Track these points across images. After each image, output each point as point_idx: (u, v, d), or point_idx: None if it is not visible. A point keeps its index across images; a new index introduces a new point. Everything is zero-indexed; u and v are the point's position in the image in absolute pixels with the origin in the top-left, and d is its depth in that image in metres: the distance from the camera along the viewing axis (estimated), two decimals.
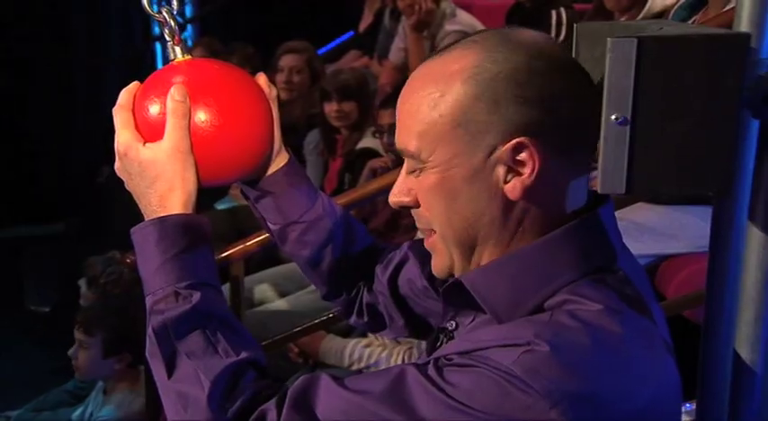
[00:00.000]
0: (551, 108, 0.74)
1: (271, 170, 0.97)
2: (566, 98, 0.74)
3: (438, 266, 0.84)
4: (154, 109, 0.87)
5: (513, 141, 0.74)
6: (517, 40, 0.76)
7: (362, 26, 4.38)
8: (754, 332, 0.78)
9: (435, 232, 0.81)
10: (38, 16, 5.28)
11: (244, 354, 0.80)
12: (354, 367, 2.22)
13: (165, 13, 0.91)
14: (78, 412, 2.60)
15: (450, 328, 0.87)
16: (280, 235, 1.02)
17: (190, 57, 0.92)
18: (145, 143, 0.87)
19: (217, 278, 0.87)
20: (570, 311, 0.73)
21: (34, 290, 4.03)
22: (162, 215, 0.85)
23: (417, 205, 0.81)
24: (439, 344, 0.88)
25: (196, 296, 0.82)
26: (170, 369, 0.80)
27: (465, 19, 3.52)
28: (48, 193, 5.25)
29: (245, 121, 0.89)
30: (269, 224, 1.02)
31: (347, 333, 2.42)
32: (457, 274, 0.82)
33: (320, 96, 3.09)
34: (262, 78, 0.96)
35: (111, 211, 4.61)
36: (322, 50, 4.29)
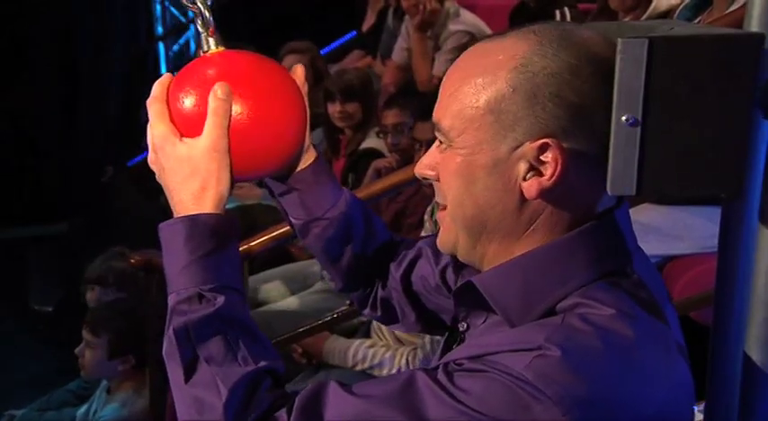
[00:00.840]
0: (587, 114, 0.72)
1: (299, 167, 0.96)
2: (605, 107, 0.71)
3: (442, 241, 0.84)
4: (188, 101, 0.85)
5: (540, 141, 0.73)
6: (574, 38, 0.74)
7: (365, 26, 4.38)
8: (764, 333, 0.78)
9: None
10: (40, 15, 5.28)
11: (262, 363, 0.79)
12: (358, 367, 2.22)
13: (199, 4, 0.88)
14: (83, 410, 2.62)
15: (461, 329, 0.86)
16: (301, 229, 1.01)
17: (223, 48, 0.89)
18: (182, 138, 0.85)
19: (241, 282, 0.86)
20: (582, 315, 0.72)
21: (38, 289, 4.04)
22: (193, 213, 0.84)
23: (438, 179, 0.81)
24: (446, 344, 0.87)
25: (220, 300, 0.80)
26: (188, 372, 0.78)
27: (469, 19, 3.52)
28: (51, 193, 5.26)
29: (281, 115, 0.87)
30: (291, 218, 1.01)
31: (351, 333, 2.42)
32: (460, 255, 0.82)
33: (324, 97, 3.08)
34: (299, 71, 0.94)
35: (114, 211, 4.62)
36: (325, 50, 4.29)
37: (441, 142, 0.80)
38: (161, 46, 6.42)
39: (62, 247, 4.54)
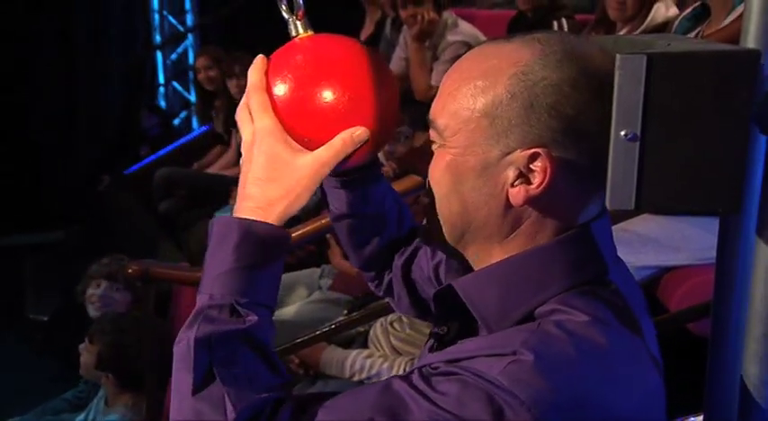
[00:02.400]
0: (581, 128, 0.73)
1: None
2: (600, 121, 0.71)
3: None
4: (279, 89, 0.82)
5: (532, 150, 0.73)
6: (577, 52, 0.75)
7: (363, 36, 4.38)
8: (762, 348, 0.78)
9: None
10: (39, 23, 5.29)
11: (273, 394, 0.75)
12: (355, 378, 2.21)
13: None
14: (81, 418, 2.62)
15: (440, 333, 0.87)
16: (336, 217, 1.01)
17: (312, 32, 0.86)
18: (287, 140, 0.81)
19: (276, 300, 0.82)
20: (558, 321, 0.73)
21: (34, 298, 4.02)
22: (254, 219, 0.79)
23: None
24: (432, 349, 0.87)
25: (252, 318, 0.76)
26: (197, 385, 0.74)
27: (467, 29, 3.53)
28: (48, 202, 5.25)
29: (375, 100, 0.83)
30: (331, 206, 1.00)
31: (348, 344, 2.41)
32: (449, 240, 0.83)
33: None
34: None
35: (111, 220, 4.62)
36: None
37: (433, 139, 0.81)
38: (159, 55, 6.44)
39: (59, 255, 4.53)
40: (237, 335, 0.76)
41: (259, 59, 0.84)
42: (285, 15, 0.85)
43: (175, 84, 6.45)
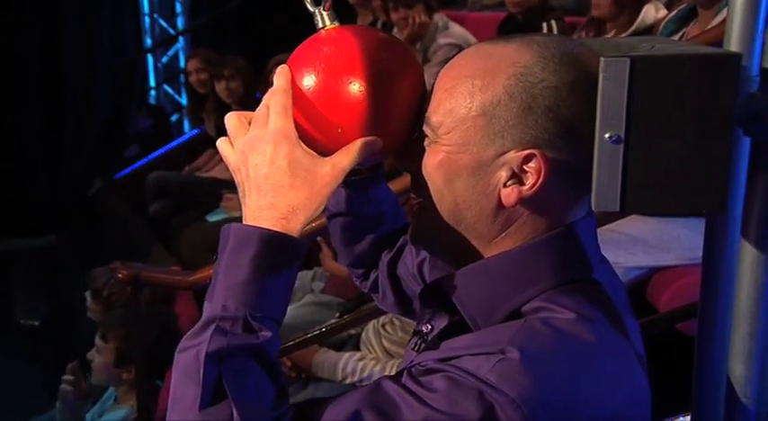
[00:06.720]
0: (577, 130, 0.73)
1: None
2: (593, 126, 0.71)
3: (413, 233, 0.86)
4: (310, 79, 0.80)
5: (527, 151, 0.74)
6: (574, 54, 0.75)
7: None
8: (748, 347, 0.79)
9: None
10: (28, 27, 5.28)
11: (277, 412, 0.73)
12: (348, 380, 2.21)
13: None
14: (95, 409, 2.62)
15: (425, 331, 0.87)
16: (332, 215, 1.02)
17: (338, 24, 0.84)
18: (302, 145, 0.78)
19: (285, 313, 0.79)
20: (544, 319, 0.73)
21: (24, 303, 4.01)
22: (275, 229, 0.76)
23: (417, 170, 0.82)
24: (415, 347, 0.88)
25: (264, 334, 0.73)
26: (206, 400, 0.71)
27: (457, 32, 3.55)
28: (38, 206, 5.23)
29: (400, 93, 0.81)
30: (327, 204, 0.96)
31: (340, 346, 2.42)
32: None
33: None
34: None
35: (101, 224, 4.60)
36: None
37: (426, 136, 0.80)
38: (150, 58, 6.42)
39: (49, 260, 4.51)
40: (248, 350, 0.73)
41: (285, 67, 0.82)
42: (310, 8, 0.84)
43: (166, 87, 6.44)
